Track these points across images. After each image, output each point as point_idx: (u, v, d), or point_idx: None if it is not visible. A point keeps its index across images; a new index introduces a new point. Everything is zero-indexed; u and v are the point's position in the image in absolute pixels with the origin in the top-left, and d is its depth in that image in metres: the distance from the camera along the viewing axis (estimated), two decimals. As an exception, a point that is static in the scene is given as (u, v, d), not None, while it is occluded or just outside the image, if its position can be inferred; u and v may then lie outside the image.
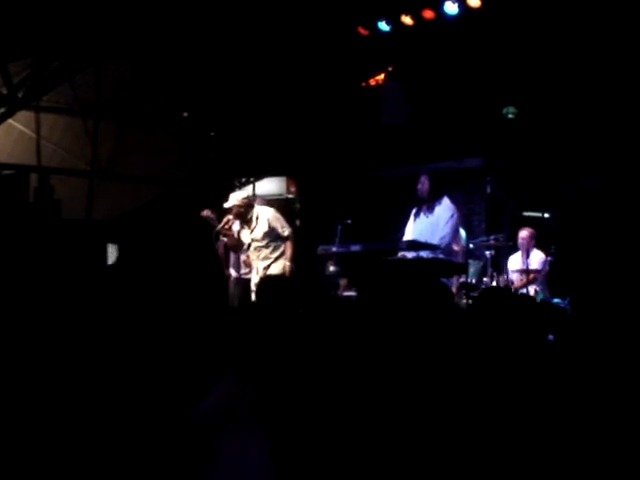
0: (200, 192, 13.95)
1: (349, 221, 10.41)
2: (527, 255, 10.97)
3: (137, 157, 13.76)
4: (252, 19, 11.73)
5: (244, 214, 10.59)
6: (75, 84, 12.53)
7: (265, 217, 10.64)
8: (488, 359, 4.08)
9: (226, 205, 10.74)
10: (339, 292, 11.02)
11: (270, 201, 12.66)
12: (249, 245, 10.75)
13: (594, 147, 11.83)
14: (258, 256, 10.67)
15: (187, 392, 2.16)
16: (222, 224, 10.62)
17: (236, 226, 10.74)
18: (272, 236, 10.59)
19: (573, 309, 5.51)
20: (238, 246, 10.90)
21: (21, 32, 11.19)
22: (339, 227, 10.22)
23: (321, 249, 10.15)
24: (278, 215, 10.78)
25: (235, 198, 10.76)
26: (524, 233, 11.11)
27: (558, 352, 4.28)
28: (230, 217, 10.62)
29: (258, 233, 10.60)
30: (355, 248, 9.74)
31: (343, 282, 11.27)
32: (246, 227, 10.68)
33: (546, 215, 11.38)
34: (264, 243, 10.61)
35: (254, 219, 10.64)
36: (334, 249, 9.97)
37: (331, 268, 10.39)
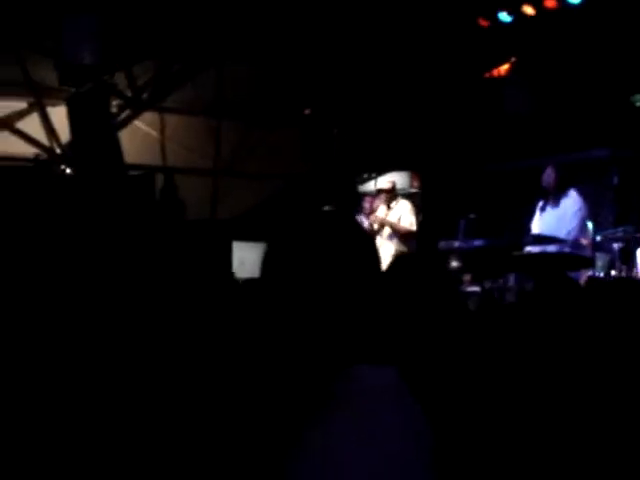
0: (322, 187, 13.99)
1: (473, 215, 10.30)
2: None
3: (260, 154, 13.88)
4: (374, 13, 11.72)
5: (390, 200, 10.57)
6: (197, 84, 12.72)
7: (405, 207, 10.59)
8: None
9: (380, 186, 10.70)
10: (463, 287, 10.91)
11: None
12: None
13: None
14: (383, 247, 10.64)
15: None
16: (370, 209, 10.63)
17: (380, 212, 10.70)
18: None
19: None
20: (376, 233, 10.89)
21: (144, 35, 11.41)
22: (462, 222, 10.12)
23: (443, 244, 10.08)
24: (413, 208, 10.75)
25: (387, 181, 10.74)
26: None
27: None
28: (378, 201, 10.62)
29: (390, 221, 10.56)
30: (478, 243, 9.65)
31: (466, 277, 11.15)
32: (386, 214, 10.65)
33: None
34: (390, 234, 10.59)
35: (394, 207, 10.61)
36: (457, 244, 9.89)
37: (454, 263, 10.29)
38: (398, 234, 10.67)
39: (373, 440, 1.91)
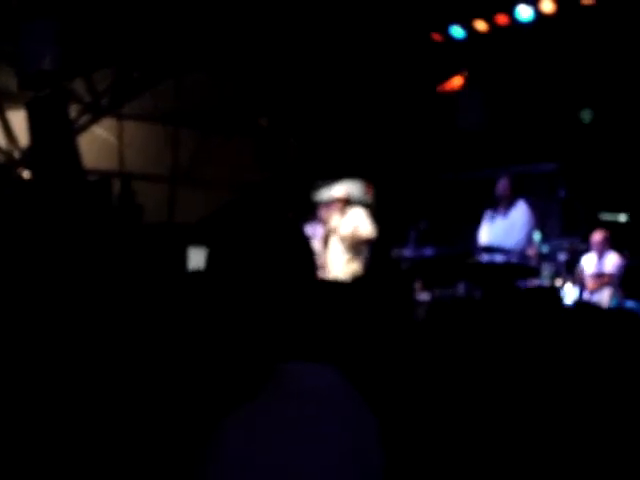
0: (277, 195, 14.13)
1: (424, 225, 10.46)
2: (601, 258, 10.94)
3: (217, 163, 13.99)
4: (329, 27, 11.89)
5: (344, 208, 10.66)
6: (156, 92, 12.83)
7: (360, 215, 10.67)
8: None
9: (336, 194, 10.80)
10: (413, 295, 11.08)
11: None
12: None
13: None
14: (335, 254, 10.73)
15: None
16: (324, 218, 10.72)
17: (335, 221, 10.78)
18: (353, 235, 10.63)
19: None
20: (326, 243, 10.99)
21: (105, 42, 11.50)
22: (413, 230, 10.27)
23: (395, 252, 10.21)
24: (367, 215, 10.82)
25: (342, 190, 10.84)
26: (597, 236, 11.05)
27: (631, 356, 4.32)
28: (333, 209, 10.70)
29: (345, 230, 10.64)
30: (429, 252, 9.81)
31: (417, 285, 11.34)
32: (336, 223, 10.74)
33: (622, 217, 11.32)
34: (345, 242, 10.66)
35: (348, 215, 10.69)
36: (408, 252, 10.04)
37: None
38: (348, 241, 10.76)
39: (304, 442, 1.95)
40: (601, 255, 10.98)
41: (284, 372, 2.04)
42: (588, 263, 11.13)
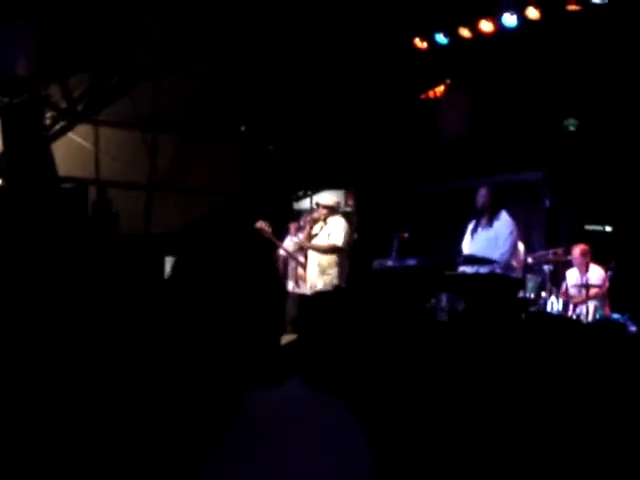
0: (258, 204, 13.98)
1: (406, 235, 10.32)
2: (586, 271, 10.79)
3: (195, 170, 13.84)
4: (312, 35, 11.77)
5: (328, 216, 10.56)
6: (134, 98, 12.65)
7: (338, 224, 10.57)
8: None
9: (324, 202, 10.73)
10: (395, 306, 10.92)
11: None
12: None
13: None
14: (312, 263, 10.62)
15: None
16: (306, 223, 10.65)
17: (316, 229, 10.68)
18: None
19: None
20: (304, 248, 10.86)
21: (81, 47, 11.32)
22: (396, 240, 10.13)
23: (377, 263, 10.08)
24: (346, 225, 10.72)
25: (331, 199, 10.78)
26: (576, 251, 10.90)
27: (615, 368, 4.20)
28: (315, 216, 10.60)
29: (322, 239, 10.55)
30: (411, 262, 9.67)
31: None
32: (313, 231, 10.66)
33: (608, 228, 11.20)
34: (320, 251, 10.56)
35: (329, 224, 10.61)
36: (390, 263, 9.89)
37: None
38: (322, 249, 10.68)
39: (277, 463, 1.89)
40: (583, 269, 10.82)
41: (251, 402, 1.97)
42: (572, 276, 11.00)
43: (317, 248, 10.76)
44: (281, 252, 11.39)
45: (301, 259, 11.14)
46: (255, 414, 1.96)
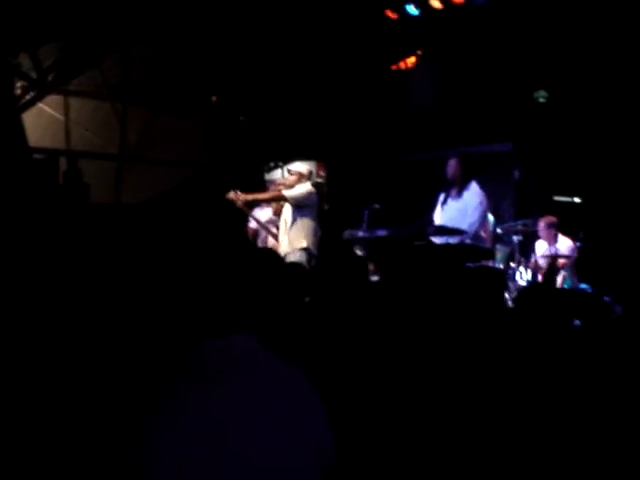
0: (228, 175, 13.97)
1: (377, 205, 10.35)
2: (554, 242, 10.89)
3: (165, 141, 13.80)
4: (281, 4, 11.74)
5: (295, 185, 10.52)
6: (104, 68, 12.59)
7: (304, 185, 10.54)
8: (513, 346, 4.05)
9: (292, 168, 10.71)
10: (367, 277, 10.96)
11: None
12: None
13: (621, 131, 11.74)
14: (282, 235, 10.61)
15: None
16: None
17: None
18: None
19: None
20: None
21: (50, 16, 11.24)
22: (366, 212, 10.16)
23: (347, 234, 10.11)
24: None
25: (304, 166, 10.75)
26: (541, 224, 10.99)
27: (585, 338, 4.24)
28: (288, 181, 10.57)
29: (287, 207, 10.52)
30: (382, 233, 9.71)
31: (371, 267, 11.23)
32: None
33: (577, 199, 11.27)
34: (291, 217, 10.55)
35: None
36: (361, 234, 9.93)
37: (358, 253, 10.33)
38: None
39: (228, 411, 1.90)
40: (551, 240, 10.92)
41: (209, 349, 1.98)
42: (541, 247, 11.10)
43: (262, 198, 10.83)
44: (252, 223, 11.41)
45: (273, 230, 11.14)
46: (207, 363, 1.96)
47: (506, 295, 9.37)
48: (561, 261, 10.72)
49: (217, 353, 1.97)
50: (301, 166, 10.95)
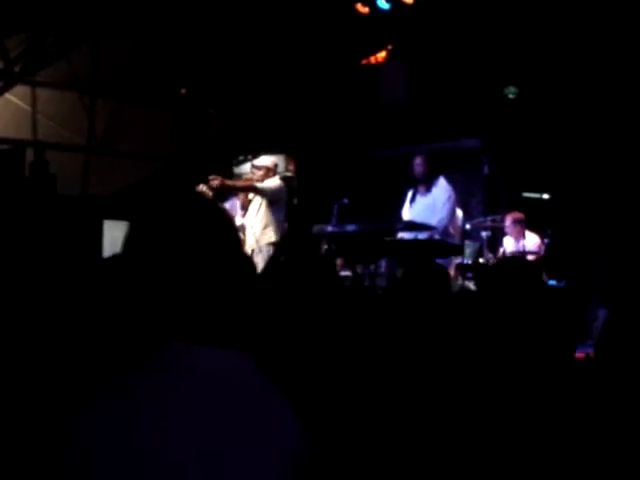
0: (197, 169, 13.92)
1: (346, 200, 10.36)
2: (522, 238, 10.92)
3: (134, 133, 13.72)
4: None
5: (265, 178, 10.47)
6: (72, 59, 12.50)
7: (274, 180, 10.51)
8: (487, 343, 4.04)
9: (258, 162, 10.70)
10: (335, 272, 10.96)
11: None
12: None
13: (594, 129, 11.81)
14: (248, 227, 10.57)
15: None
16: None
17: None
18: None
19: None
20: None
21: (18, 6, 11.14)
22: (335, 206, 10.16)
23: (316, 228, 10.11)
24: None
25: (269, 160, 10.74)
26: (508, 220, 11.01)
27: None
28: (255, 176, 10.54)
29: (256, 203, 10.49)
30: (351, 228, 9.71)
31: (339, 262, 11.23)
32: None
33: (545, 196, 11.31)
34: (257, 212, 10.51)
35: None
36: (330, 228, 9.93)
37: (326, 247, 10.34)
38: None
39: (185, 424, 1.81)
40: (518, 236, 10.94)
41: (177, 350, 1.88)
42: (509, 243, 11.13)
43: (237, 185, 10.85)
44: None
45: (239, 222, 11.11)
46: (178, 361, 1.88)
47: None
48: (528, 257, 10.74)
49: (183, 359, 1.90)
50: (266, 159, 10.94)
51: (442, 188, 9.92)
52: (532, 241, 11.02)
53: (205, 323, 1.93)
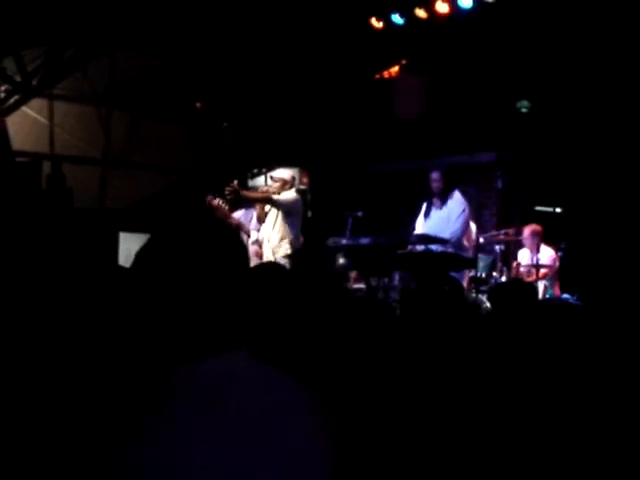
0: (212, 182, 13.98)
1: (360, 214, 10.40)
2: (537, 251, 10.91)
3: (150, 146, 13.78)
4: (267, 9, 11.76)
5: (282, 190, 10.49)
6: (88, 73, 12.58)
7: (290, 193, 10.53)
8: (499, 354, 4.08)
9: (275, 174, 10.73)
10: (349, 285, 11.00)
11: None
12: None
13: (606, 143, 11.82)
14: (264, 240, 10.58)
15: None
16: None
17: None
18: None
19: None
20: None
21: (36, 20, 11.23)
22: (349, 219, 10.21)
23: (331, 241, 10.15)
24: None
25: (287, 172, 10.76)
26: (526, 231, 11.01)
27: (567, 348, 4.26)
28: (272, 188, 10.57)
29: (273, 214, 10.50)
30: (365, 241, 9.75)
31: (353, 275, 11.27)
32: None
33: (558, 210, 11.33)
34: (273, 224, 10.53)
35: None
36: (344, 241, 9.97)
37: (341, 260, 10.37)
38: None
39: (217, 435, 1.81)
40: (534, 249, 10.95)
41: (191, 373, 1.89)
42: (524, 256, 11.13)
43: (253, 196, 10.85)
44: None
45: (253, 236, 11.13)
46: (194, 385, 1.87)
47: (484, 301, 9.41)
48: (542, 271, 10.75)
49: (210, 374, 1.90)
50: (284, 172, 10.97)
51: (457, 201, 9.96)
52: (547, 254, 11.02)
53: (207, 342, 1.93)
